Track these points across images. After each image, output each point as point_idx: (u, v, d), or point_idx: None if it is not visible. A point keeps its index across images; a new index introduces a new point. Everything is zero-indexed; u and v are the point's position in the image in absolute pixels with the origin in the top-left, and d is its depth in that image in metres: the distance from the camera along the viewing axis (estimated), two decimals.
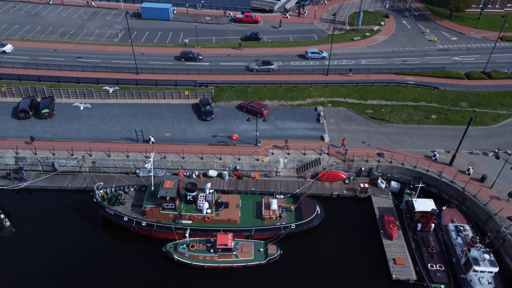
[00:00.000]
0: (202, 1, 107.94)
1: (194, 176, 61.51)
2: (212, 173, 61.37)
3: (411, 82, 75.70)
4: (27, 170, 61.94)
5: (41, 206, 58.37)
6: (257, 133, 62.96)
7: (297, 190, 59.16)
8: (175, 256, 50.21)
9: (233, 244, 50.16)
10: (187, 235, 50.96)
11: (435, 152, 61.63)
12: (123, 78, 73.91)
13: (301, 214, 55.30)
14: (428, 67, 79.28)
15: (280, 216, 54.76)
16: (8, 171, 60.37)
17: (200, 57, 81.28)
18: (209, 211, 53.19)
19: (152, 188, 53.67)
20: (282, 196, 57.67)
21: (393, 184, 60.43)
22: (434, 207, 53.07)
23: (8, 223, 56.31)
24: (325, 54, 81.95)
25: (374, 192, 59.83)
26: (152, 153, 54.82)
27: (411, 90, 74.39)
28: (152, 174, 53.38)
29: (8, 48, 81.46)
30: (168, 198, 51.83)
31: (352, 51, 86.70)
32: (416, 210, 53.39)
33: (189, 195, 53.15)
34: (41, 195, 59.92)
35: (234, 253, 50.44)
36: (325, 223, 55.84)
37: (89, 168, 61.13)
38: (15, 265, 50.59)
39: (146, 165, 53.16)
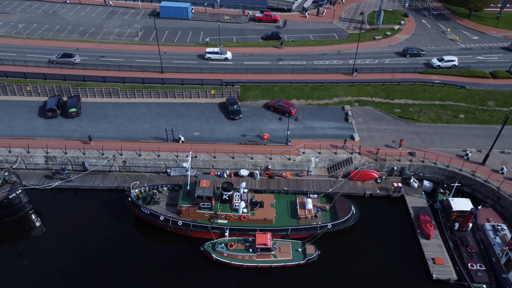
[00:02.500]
0: (218, 0, 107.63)
1: (226, 176, 61.18)
2: (244, 172, 61.04)
3: (437, 81, 75.43)
4: (56, 169, 61.62)
5: (72, 205, 58.16)
6: (288, 132, 62.64)
7: (330, 190, 58.86)
8: (214, 256, 49.89)
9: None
10: (226, 234, 50.68)
11: (467, 151, 61.35)
12: (148, 77, 73.56)
13: (336, 213, 54.99)
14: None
15: (315, 216, 54.44)
16: (53, 171, 60.02)
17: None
18: (245, 210, 52.86)
19: (188, 188, 53.30)
20: (316, 196, 57.36)
21: (426, 183, 60.15)
22: (471, 206, 52.78)
23: (39, 223, 56.13)
24: None
25: (407, 192, 59.50)
26: (189, 153, 54.43)
27: (437, 89, 74.10)
28: (189, 173, 53.01)
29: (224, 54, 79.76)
30: (204, 197, 51.48)
31: (375, 50, 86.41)
32: (454, 209, 53.06)
33: (225, 195, 52.81)
34: (72, 194, 59.65)
35: (273, 253, 50.12)
36: (360, 223, 55.51)
37: (120, 168, 60.75)
38: (46, 265, 50.27)
39: (184, 164, 52.85)
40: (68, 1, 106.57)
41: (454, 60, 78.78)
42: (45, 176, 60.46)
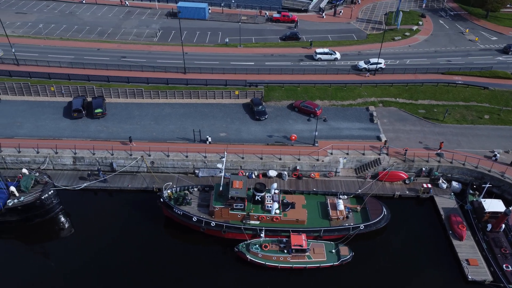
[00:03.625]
0: (233, 1, 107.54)
1: (254, 176, 61.18)
2: (272, 173, 61.03)
3: (460, 82, 75.41)
4: (84, 170, 61.66)
5: (101, 206, 58.20)
6: (316, 133, 62.64)
7: (359, 191, 58.84)
8: (248, 256, 49.88)
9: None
10: (262, 235, 50.68)
11: (495, 152, 61.34)
12: (172, 78, 73.52)
13: (368, 214, 54.97)
14: (473, 67, 78.97)
15: (347, 217, 54.41)
16: (88, 172, 60.08)
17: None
18: (277, 211, 52.81)
19: (221, 189, 53.25)
20: (346, 197, 57.32)
21: (454, 184, 60.14)
22: (504, 207, 52.78)
23: (68, 223, 56.14)
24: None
25: (436, 193, 59.49)
26: (224, 153, 54.39)
27: (460, 90, 74.09)
28: (223, 174, 52.93)
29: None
30: (238, 198, 51.45)
31: (395, 50, 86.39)
32: (487, 210, 53.05)
33: (258, 195, 52.79)
34: (101, 195, 59.62)
35: (307, 254, 50.12)
36: (390, 224, 55.42)
37: (149, 168, 60.71)
38: (76, 266, 50.27)
39: (218, 165, 52.85)
40: (84, 1, 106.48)
41: (380, 63, 77.66)
42: (79, 177, 60.44)
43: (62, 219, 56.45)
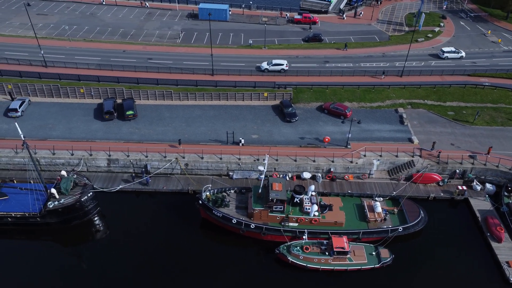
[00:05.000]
0: (251, 2, 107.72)
1: (288, 178, 61.26)
2: (306, 175, 61.18)
3: (487, 84, 75.53)
4: (118, 172, 61.87)
5: (137, 208, 58.30)
6: (349, 135, 62.78)
7: (394, 193, 58.93)
8: (289, 258, 50.02)
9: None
10: (305, 237, 50.84)
11: None
12: (200, 80, 73.69)
13: (405, 217, 55.09)
14: (500, 69, 79.15)
15: (384, 219, 54.53)
16: (133, 174, 60.39)
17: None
18: (316, 213, 52.94)
19: (260, 191, 53.38)
20: (381, 199, 57.44)
21: (488, 186, 60.22)
22: None
23: (105, 225, 56.34)
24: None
25: (470, 195, 59.60)
26: (266, 156, 54.50)
27: (488, 92, 74.23)
28: (263, 176, 53.06)
29: None
30: (277, 200, 51.59)
31: (419, 52, 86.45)
32: None
33: (297, 198, 52.94)
34: (136, 197, 59.73)
35: (348, 256, 50.25)
36: (426, 226, 55.49)
37: (184, 170, 60.86)
38: (112, 269, 50.53)
39: (259, 167, 53.05)
40: (104, 3, 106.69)
41: (282, 64, 77.28)
42: (122, 179, 60.79)
43: (99, 221, 56.70)
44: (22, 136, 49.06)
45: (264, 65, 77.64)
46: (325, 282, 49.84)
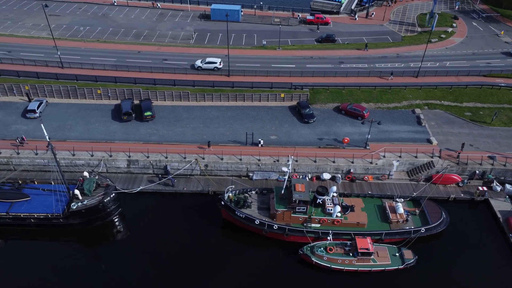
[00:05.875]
0: (261, 2, 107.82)
1: (307, 179, 61.21)
2: (326, 176, 61.21)
3: (503, 85, 75.50)
4: (138, 173, 61.94)
5: (157, 209, 58.34)
6: (369, 136, 62.83)
7: (414, 194, 58.92)
8: (313, 259, 50.05)
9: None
10: (329, 238, 50.85)
11: None
12: (217, 81, 73.73)
13: (426, 218, 55.08)
14: None
15: (406, 220, 54.54)
16: (159, 176, 60.41)
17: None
18: (339, 214, 52.97)
19: (282, 192, 53.41)
20: (402, 200, 57.42)
21: (508, 187, 60.17)
22: None
23: (126, 226, 56.41)
24: None
25: (490, 195, 59.61)
26: (291, 157, 54.52)
27: (505, 93, 74.24)
28: (286, 177, 53.07)
29: None
30: (301, 201, 51.63)
31: (433, 53, 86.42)
32: None
33: (320, 199, 52.98)
34: (156, 198, 59.74)
35: (372, 257, 50.27)
36: (448, 227, 55.49)
37: (204, 171, 60.92)
38: (131, 268, 50.64)
39: (283, 168, 53.13)
40: (115, 3, 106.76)
41: (216, 62, 76.98)
42: (148, 180, 60.84)
43: (120, 221, 56.78)
44: (47, 137, 49.15)
45: (198, 63, 77.58)
46: (349, 283, 49.88)
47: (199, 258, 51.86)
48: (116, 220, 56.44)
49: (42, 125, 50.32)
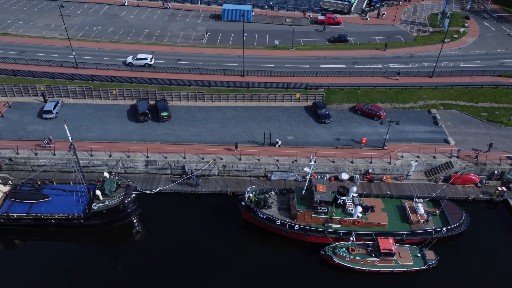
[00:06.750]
0: (271, 2, 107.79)
1: (326, 179, 61.12)
2: (344, 176, 61.12)
3: None
4: (156, 174, 61.90)
5: (176, 209, 58.25)
6: (387, 136, 62.76)
7: (433, 194, 58.80)
8: (335, 260, 49.99)
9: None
10: (352, 238, 50.78)
11: None
12: (232, 81, 73.65)
13: (447, 218, 54.96)
14: None
15: (427, 221, 54.44)
16: (183, 176, 60.26)
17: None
18: (359, 215, 52.89)
19: (303, 192, 53.34)
20: (422, 200, 57.32)
21: None
22: None
23: (145, 227, 56.36)
24: None
25: (509, 196, 59.50)
26: (312, 158, 54.44)
27: None
28: (308, 178, 53.01)
29: None
30: (322, 202, 51.55)
31: (446, 53, 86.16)
32: None
33: (341, 199, 52.90)
34: (175, 198, 59.67)
35: (394, 258, 50.18)
36: (467, 227, 55.42)
37: (222, 172, 60.85)
38: (151, 269, 50.62)
39: (305, 169, 53.06)
40: (126, 3, 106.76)
41: (146, 59, 76.81)
42: (172, 181, 60.69)
43: (140, 222, 56.68)
44: (70, 138, 49.11)
45: (129, 59, 77.51)
46: (372, 284, 49.80)
47: (219, 259, 51.77)
48: (135, 220, 56.36)
49: (65, 125, 50.29)
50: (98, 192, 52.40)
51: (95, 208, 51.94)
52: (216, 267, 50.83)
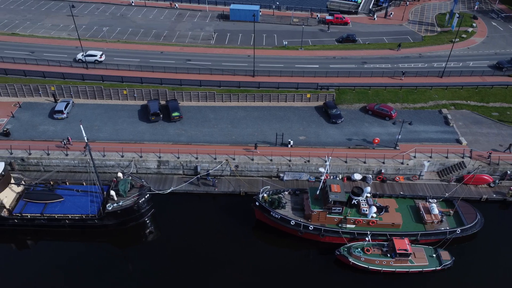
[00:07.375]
0: (277, 2, 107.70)
1: (338, 180, 61.06)
2: (357, 176, 61.04)
3: None
4: (168, 174, 61.86)
5: (189, 209, 58.22)
6: (399, 137, 62.68)
7: (447, 194, 58.72)
8: (351, 260, 49.93)
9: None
10: (367, 239, 50.70)
11: None
12: (242, 81, 73.57)
13: (461, 218, 54.87)
14: None
15: (441, 221, 54.35)
16: (198, 177, 60.05)
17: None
18: (374, 215, 52.83)
19: (317, 192, 53.26)
20: (435, 200, 57.23)
21: None
22: None
23: (158, 227, 56.31)
24: None
25: None
26: (327, 158, 54.36)
27: None
28: (323, 178, 52.94)
29: None
30: (337, 202, 51.49)
31: (455, 53, 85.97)
32: None
33: (355, 199, 52.82)
34: (187, 198, 59.67)
35: (409, 258, 50.10)
36: (483, 227, 55.31)
37: (235, 172, 60.80)
38: (164, 270, 50.65)
39: (320, 169, 52.98)
40: (133, 3, 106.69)
41: (96, 55, 76.49)
42: (186, 181, 60.63)
43: (153, 222, 56.64)
44: (85, 138, 49.07)
45: (79, 56, 77.41)
46: (387, 284, 49.75)
47: (233, 259, 51.78)
48: (148, 221, 56.30)
49: (81, 126, 50.26)
50: (112, 193, 52.34)
51: (110, 208, 51.89)
52: (230, 267, 50.78)
